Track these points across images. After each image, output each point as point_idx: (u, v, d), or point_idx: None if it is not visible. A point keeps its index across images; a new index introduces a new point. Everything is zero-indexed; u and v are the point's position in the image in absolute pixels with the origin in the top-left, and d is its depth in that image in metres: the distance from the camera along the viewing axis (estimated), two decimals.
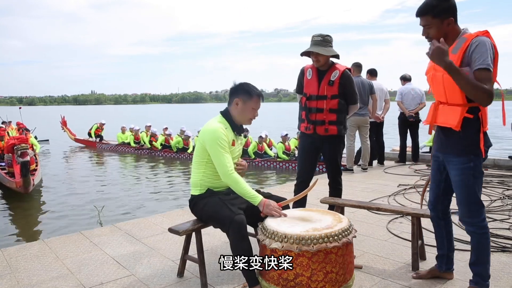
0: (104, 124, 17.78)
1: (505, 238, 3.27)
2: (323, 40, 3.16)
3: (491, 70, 2.03)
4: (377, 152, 7.42)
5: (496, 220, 3.76)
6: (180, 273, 2.73)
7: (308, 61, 3.37)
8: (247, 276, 2.28)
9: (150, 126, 15.80)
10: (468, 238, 2.90)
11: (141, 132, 15.54)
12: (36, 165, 9.32)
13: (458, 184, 2.23)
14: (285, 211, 2.35)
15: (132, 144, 15.31)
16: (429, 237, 3.31)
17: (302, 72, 3.41)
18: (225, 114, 2.59)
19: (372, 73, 7.18)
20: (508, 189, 5.03)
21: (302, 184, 3.42)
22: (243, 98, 2.52)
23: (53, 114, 18.96)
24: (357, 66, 6.47)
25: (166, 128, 14.57)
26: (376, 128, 7.20)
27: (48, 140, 16.93)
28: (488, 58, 2.01)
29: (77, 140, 18.07)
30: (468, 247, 2.83)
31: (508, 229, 3.51)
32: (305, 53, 3.26)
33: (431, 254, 2.96)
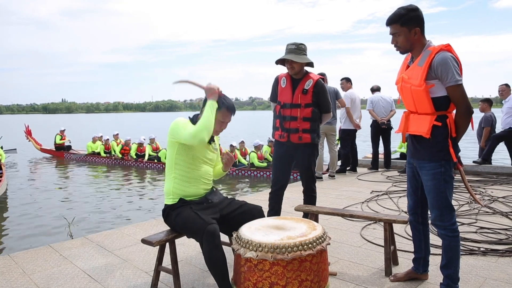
0: (64, 130, 17.07)
1: (473, 241, 3.38)
2: (298, 48, 3.21)
3: (460, 83, 2.17)
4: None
5: (464, 224, 3.88)
6: (154, 285, 2.67)
7: (282, 70, 3.39)
8: (221, 286, 2.26)
9: (117, 134, 15.52)
10: (438, 242, 2.99)
11: (111, 142, 15.14)
12: (1, 175, 8.97)
13: (430, 188, 2.32)
14: (259, 220, 2.34)
15: (102, 154, 14.85)
16: (401, 243, 3.39)
17: (276, 81, 3.44)
18: (193, 119, 2.60)
19: (349, 80, 7.35)
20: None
21: (277, 192, 3.44)
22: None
23: (20, 123, 18.35)
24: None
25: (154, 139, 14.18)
26: (352, 136, 7.37)
27: (15, 149, 16.30)
28: (454, 73, 2.15)
29: (43, 150, 17.36)
30: (438, 251, 2.92)
31: (475, 232, 3.63)
32: (280, 61, 3.30)
33: (403, 259, 3.03)
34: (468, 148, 14.39)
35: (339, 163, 7.45)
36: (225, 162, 2.76)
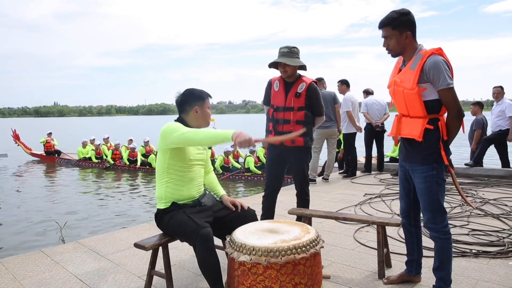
0: (50, 133, 16.73)
1: (465, 244, 3.40)
2: (290, 52, 3.22)
3: (452, 86, 2.19)
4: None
5: (456, 226, 3.91)
6: None
7: (275, 73, 3.42)
8: None
9: (108, 138, 15.43)
10: (430, 244, 3.01)
11: (101, 146, 14.95)
12: None
13: (422, 191, 2.34)
14: (252, 223, 2.34)
15: (94, 159, 14.63)
16: (394, 245, 3.40)
17: (270, 84, 3.45)
18: (180, 121, 2.59)
19: (344, 83, 7.34)
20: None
21: (271, 195, 3.44)
22: (199, 104, 2.56)
23: (11, 127, 18.22)
24: (319, 80, 6.65)
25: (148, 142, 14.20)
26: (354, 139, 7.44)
27: (6, 154, 16.11)
28: (446, 77, 2.18)
29: (33, 155, 17.14)
30: (431, 253, 2.93)
31: (467, 234, 3.66)
32: (273, 65, 3.31)
33: (396, 262, 3.04)
34: (460, 151, 14.51)
35: (336, 164, 7.45)
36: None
